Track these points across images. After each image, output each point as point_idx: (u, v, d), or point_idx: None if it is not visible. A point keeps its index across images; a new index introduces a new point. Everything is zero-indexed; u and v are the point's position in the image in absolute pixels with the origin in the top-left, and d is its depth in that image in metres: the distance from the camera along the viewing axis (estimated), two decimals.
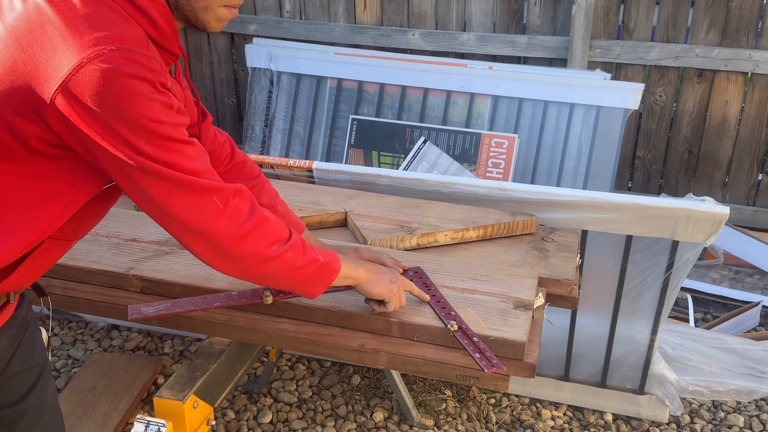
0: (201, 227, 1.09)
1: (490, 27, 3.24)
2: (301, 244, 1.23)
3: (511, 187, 1.92)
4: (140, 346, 2.57)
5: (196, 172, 1.07)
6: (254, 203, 1.16)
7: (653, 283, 1.99)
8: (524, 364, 1.37)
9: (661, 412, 2.21)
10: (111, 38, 0.97)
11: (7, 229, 1.04)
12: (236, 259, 1.14)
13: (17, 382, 1.26)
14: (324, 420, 2.25)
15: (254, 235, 1.14)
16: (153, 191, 1.04)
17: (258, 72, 3.36)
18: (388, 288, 1.38)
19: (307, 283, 1.25)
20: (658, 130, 3.23)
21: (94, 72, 0.94)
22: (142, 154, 1.00)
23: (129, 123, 0.98)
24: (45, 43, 0.96)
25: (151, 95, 0.99)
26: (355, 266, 1.33)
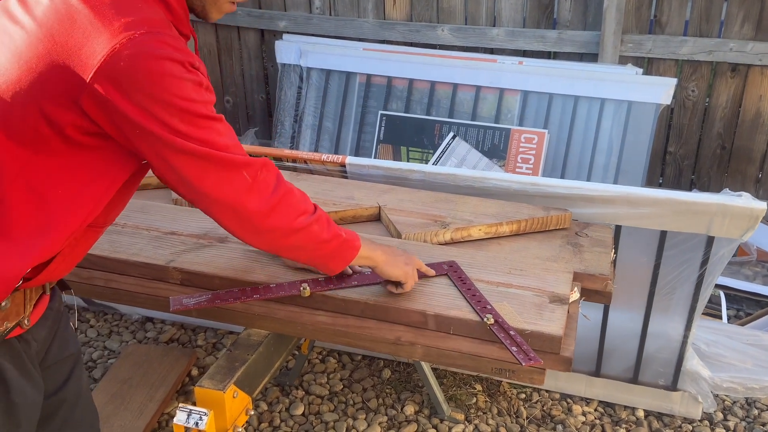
0: (232, 202, 1.13)
1: (520, 22, 3.23)
2: (326, 218, 1.27)
3: (545, 182, 1.91)
4: (174, 339, 2.62)
5: (227, 148, 1.11)
6: (280, 176, 1.20)
7: (687, 279, 1.97)
8: (560, 358, 1.38)
9: (693, 409, 2.20)
10: (139, 22, 1.01)
11: (49, 222, 1.07)
12: (265, 231, 1.18)
13: (55, 372, 1.30)
14: (355, 413, 2.27)
15: (282, 207, 1.18)
16: (186, 169, 1.08)
17: (288, 68, 3.39)
18: (404, 270, 1.42)
19: (330, 258, 1.30)
20: (690, 125, 3.20)
21: (127, 57, 0.98)
22: (176, 132, 1.04)
23: (162, 103, 1.02)
24: (76, 33, 0.99)
25: (182, 75, 1.03)
26: (373, 247, 1.38)
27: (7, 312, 1.10)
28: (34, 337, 1.19)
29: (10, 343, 1.13)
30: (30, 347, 1.18)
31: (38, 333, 1.21)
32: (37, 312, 1.19)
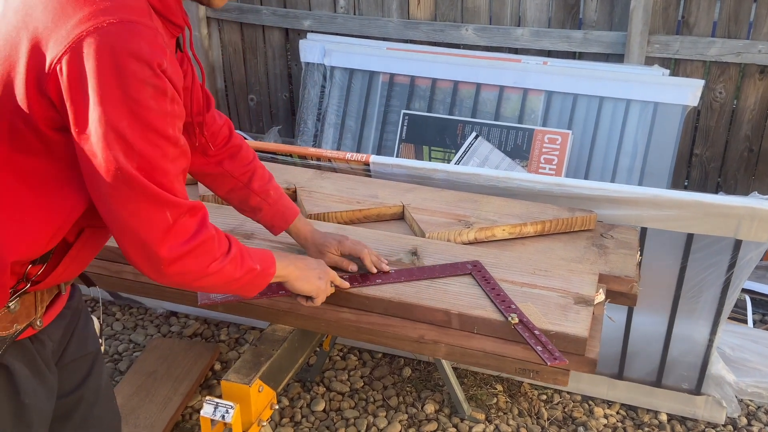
0: (144, 237, 1.04)
1: (545, 22, 3.21)
2: (240, 255, 1.19)
3: (570, 182, 1.91)
4: (197, 333, 2.65)
5: (164, 174, 1.01)
6: (204, 222, 1.12)
7: (714, 283, 1.95)
8: (585, 360, 1.38)
9: (717, 414, 2.18)
10: (112, 9, 0.94)
11: (38, 217, 1.04)
12: (171, 275, 1.09)
13: (73, 371, 1.29)
14: (375, 410, 2.28)
15: (194, 254, 1.09)
16: (111, 186, 0.99)
17: (311, 67, 3.41)
18: (315, 285, 1.39)
19: (242, 289, 1.25)
20: (717, 127, 3.16)
21: (90, 45, 0.92)
22: (120, 138, 0.95)
23: (116, 102, 0.94)
24: (47, 17, 0.94)
25: (145, 77, 0.95)
26: (286, 264, 1.34)
27: (17, 314, 1.09)
28: (49, 337, 1.19)
29: (22, 344, 1.12)
30: (45, 347, 1.18)
31: (54, 332, 1.20)
32: (53, 312, 1.18)
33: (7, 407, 1.11)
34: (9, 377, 1.11)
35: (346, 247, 1.56)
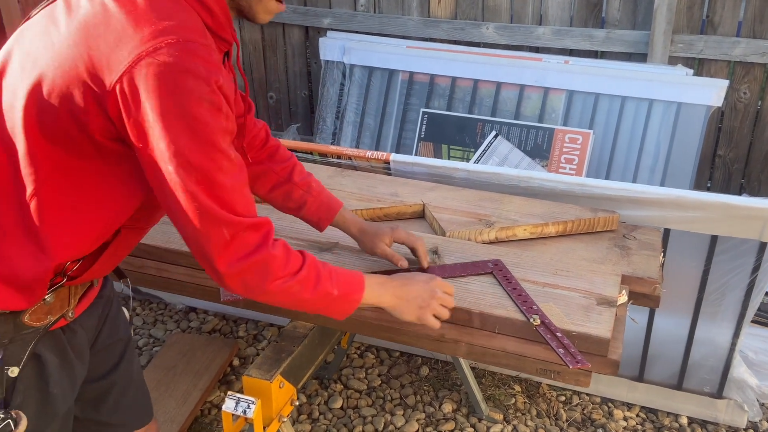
0: (204, 248, 1.07)
1: (567, 21, 3.19)
2: (315, 278, 1.18)
3: (592, 183, 1.90)
4: (216, 329, 2.67)
5: (223, 189, 1.04)
6: (267, 238, 1.12)
7: (737, 285, 1.93)
8: (608, 361, 1.36)
9: (739, 418, 2.15)
10: (171, 29, 0.98)
11: (78, 223, 1.08)
12: (232, 287, 1.12)
13: (105, 357, 1.33)
14: (393, 408, 2.28)
15: (254, 270, 1.10)
16: (173, 199, 1.03)
17: (331, 65, 3.42)
18: (415, 315, 1.33)
19: (322, 311, 1.24)
20: (741, 128, 3.12)
21: (150, 65, 0.96)
22: (179, 154, 1.00)
23: (175, 118, 0.98)
24: (109, 37, 0.98)
25: (202, 94, 0.99)
26: (379, 294, 1.29)
27: (51, 306, 1.12)
28: (81, 326, 1.22)
29: (54, 333, 1.15)
30: (76, 336, 1.21)
31: (86, 322, 1.24)
32: (84, 303, 1.22)
33: (36, 396, 1.14)
34: (40, 367, 1.14)
35: (400, 236, 1.53)
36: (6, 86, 1.06)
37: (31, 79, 1.02)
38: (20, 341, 1.10)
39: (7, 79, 1.07)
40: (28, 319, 1.09)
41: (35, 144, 1.03)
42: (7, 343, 1.08)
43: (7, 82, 1.06)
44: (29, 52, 1.05)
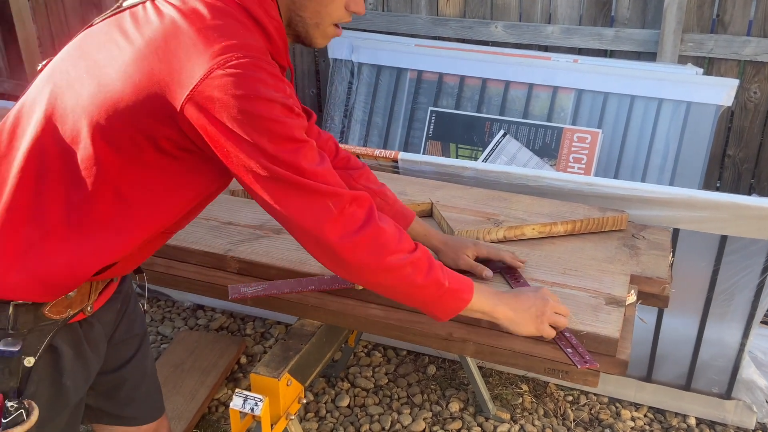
0: (314, 230, 1.09)
1: (576, 19, 3.18)
2: (427, 262, 1.17)
3: (601, 182, 1.89)
4: (224, 327, 2.68)
5: (314, 174, 1.08)
6: (372, 212, 1.14)
7: (747, 286, 1.92)
8: (616, 361, 1.36)
9: (747, 419, 2.14)
10: (238, 46, 1.03)
11: (128, 226, 1.11)
12: (349, 265, 1.12)
13: (120, 350, 1.35)
14: (400, 407, 2.28)
15: (368, 243, 1.11)
16: (270, 192, 1.07)
17: (339, 63, 3.42)
18: (534, 326, 1.30)
19: (430, 305, 1.21)
20: (751, 128, 3.10)
21: (223, 77, 1.00)
22: (263, 153, 1.04)
23: (252, 124, 1.02)
24: (179, 52, 1.02)
25: (274, 98, 1.03)
26: (494, 302, 1.26)
27: (72, 300, 1.15)
28: (99, 320, 1.24)
29: (71, 327, 1.18)
30: (93, 329, 1.23)
31: (104, 316, 1.26)
32: (103, 298, 1.24)
33: (48, 387, 1.16)
34: (56, 359, 1.16)
35: (483, 251, 1.53)
36: (69, 89, 1.08)
37: (99, 87, 1.05)
38: (38, 332, 1.12)
39: (71, 83, 1.08)
40: (48, 311, 1.11)
41: (99, 149, 1.05)
42: (26, 333, 1.10)
43: (71, 86, 1.08)
44: (97, 61, 1.07)
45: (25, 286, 1.08)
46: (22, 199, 1.07)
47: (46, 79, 1.13)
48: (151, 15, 1.08)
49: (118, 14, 1.12)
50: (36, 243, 1.07)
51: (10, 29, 4.31)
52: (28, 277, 1.07)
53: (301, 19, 1.17)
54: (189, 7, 1.06)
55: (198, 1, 1.07)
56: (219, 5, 1.07)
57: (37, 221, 1.07)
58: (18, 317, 1.09)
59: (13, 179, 1.07)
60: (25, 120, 1.11)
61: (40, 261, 1.07)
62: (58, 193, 1.07)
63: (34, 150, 1.07)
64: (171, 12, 1.06)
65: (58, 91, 1.09)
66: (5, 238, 1.07)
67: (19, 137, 1.10)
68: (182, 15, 1.05)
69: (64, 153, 1.07)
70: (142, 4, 1.10)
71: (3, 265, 1.07)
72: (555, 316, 1.32)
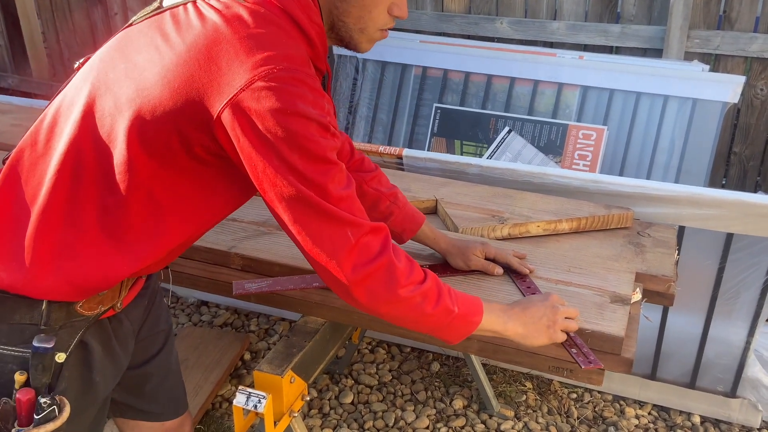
0: (328, 257, 1.07)
1: (582, 15, 3.16)
2: (436, 291, 1.16)
3: (606, 179, 1.88)
4: (228, 323, 2.68)
5: (339, 199, 1.06)
6: (387, 242, 1.12)
7: (753, 284, 1.91)
8: (621, 359, 1.35)
9: (753, 417, 2.13)
10: (280, 57, 1.01)
11: (162, 232, 1.11)
12: (359, 295, 1.10)
13: (146, 346, 1.37)
14: (404, 404, 2.28)
15: (380, 275, 1.10)
16: (293, 211, 1.05)
17: (344, 59, 3.41)
18: (548, 336, 1.27)
19: (439, 331, 1.20)
20: (758, 125, 3.08)
21: (262, 89, 0.99)
22: (294, 170, 1.02)
23: (287, 139, 1.01)
24: (220, 60, 1.01)
25: (311, 116, 1.02)
26: (504, 321, 1.24)
27: (104, 297, 1.15)
28: (127, 316, 1.25)
29: (101, 323, 1.19)
30: (122, 326, 1.24)
31: (132, 312, 1.27)
32: (131, 294, 1.24)
33: (78, 382, 1.17)
34: (86, 354, 1.17)
35: (492, 252, 1.52)
36: (108, 90, 1.07)
37: (137, 91, 1.04)
38: (70, 328, 1.13)
39: (110, 85, 1.07)
40: (80, 308, 1.12)
41: (134, 153, 1.05)
42: (57, 329, 1.11)
43: (110, 88, 1.07)
44: (136, 64, 1.06)
45: (57, 288, 1.08)
46: (58, 201, 1.06)
47: (84, 78, 1.11)
48: (192, 19, 1.05)
49: (158, 15, 1.10)
50: (70, 245, 1.07)
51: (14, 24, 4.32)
52: (61, 279, 1.07)
53: (344, 24, 1.16)
54: (232, 13, 1.04)
55: (241, 7, 1.05)
56: (262, 11, 1.05)
57: (71, 223, 1.07)
58: (51, 313, 1.09)
59: (50, 180, 1.06)
60: (63, 119, 1.10)
61: (74, 264, 1.07)
62: (93, 196, 1.07)
63: (71, 151, 1.06)
64: (213, 17, 1.04)
65: (97, 92, 1.08)
66: (40, 240, 1.06)
67: (57, 137, 1.09)
68: (225, 21, 1.03)
69: (100, 155, 1.06)
70: (183, 6, 1.08)
71: (37, 267, 1.06)
72: (566, 322, 1.30)
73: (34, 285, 1.07)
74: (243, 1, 1.05)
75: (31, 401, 1.06)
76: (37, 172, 1.08)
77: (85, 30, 4.29)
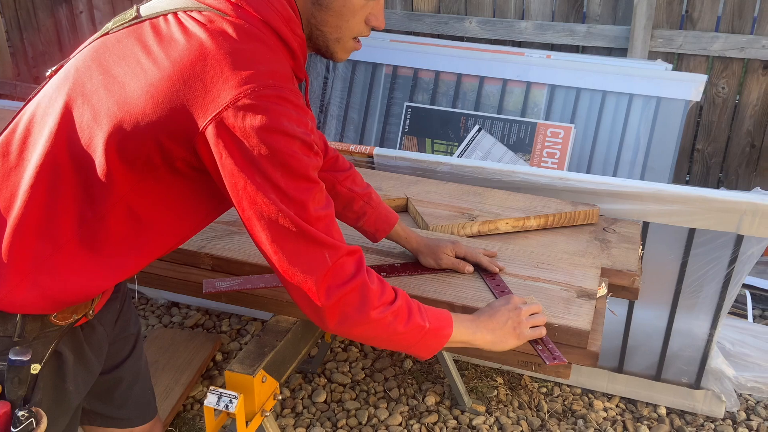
0: (303, 278, 1.06)
1: (549, 15, 3.21)
2: (406, 310, 1.16)
3: (573, 177, 1.91)
4: (199, 324, 2.66)
5: (317, 219, 1.06)
6: (361, 264, 1.12)
7: (715, 278, 1.96)
8: (587, 353, 1.38)
9: (716, 408, 2.19)
10: (265, 74, 1.01)
11: (141, 245, 1.10)
12: (331, 317, 1.09)
13: (117, 350, 1.35)
14: (377, 402, 2.29)
15: (351, 297, 1.09)
16: (271, 230, 1.04)
17: (314, 57, 3.40)
18: (515, 336, 1.29)
19: (411, 348, 1.20)
20: (719, 122, 3.16)
21: (247, 106, 0.99)
22: (276, 187, 1.02)
23: (270, 157, 1.00)
24: (205, 76, 1.00)
25: (295, 134, 1.02)
26: (473, 331, 1.25)
27: (77, 307, 1.14)
28: (100, 321, 1.24)
29: (73, 330, 1.17)
30: (94, 331, 1.23)
31: (105, 317, 1.26)
32: (103, 299, 1.23)
33: (52, 392, 1.15)
34: (60, 364, 1.16)
35: (462, 250, 1.53)
36: (85, 102, 1.05)
37: (118, 105, 1.03)
38: (44, 338, 1.11)
39: (87, 96, 1.05)
40: (54, 318, 1.11)
41: (113, 166, 1.03)
42: (31, 340, 1.09)
43: (88, 99, 1.05)
44: (116, 76, 1.04)
45: (34, 303, 1.06)
46: (34, 214, 1.04)
47: (59, 87, 1.09)
48: (175, 32, 1.04)
49: (137, 25, 1.08)
50: (47, 259, 1.05)
51: None
52: (38, 293, 1.05)
53: (321, 33, 1.16)
54: (216, 28, 1.03)
55: (225, 21, 1.04)
56: (246, 26, 1.04)
57: (48, 237, 1.05)
58: (26, 326, 1.07)
59: (25, 192, 1.04)
60: (37, 129, 1.07)
61: (51, 278, 1.06)
62: (71, 209, 1.05)
63: (47, 163, 1.04)
64: (198, 31, 1.03)
65: (73, 103, 1.06)
66: (15, 254, 1.04)
67: (31, 147, 1.07)
68: (210, 36, 1.02)
69: (79, 167, 1.04)
70: (164, 17, 1.06)
71: (13, 281, 1.04)
72: (532, 319, 1.32)
73: (9, 300, 1.05)
74: (226, 15, 1.05)
75: (8, 414, 1.05)
76: (9, 184, 1.06)
77: (49, 29, 4.21)
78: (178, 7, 1.06)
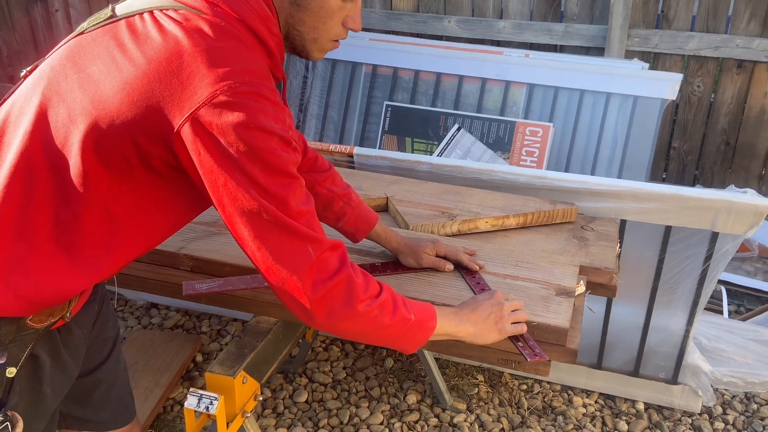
0: (288, 274, 1.06)
1: (527, 15, 3.23)
2: (392, 302, 1.16)
3: (551, 175, 1.93)
4: (179, 325, 2.64)
5: (299, 214, 1.06)
6: (345, 258, 1.12)
7: (690, 274, 1.99)
8: (566, 350, 1.39)
9: (693, 403, 2.22)
10: (241, 71, 1.01)
11: (116, 246, 1.09)
12: (317, 313, 1.09)
13: (95, 353, 1.34)
14: (358, 401, 2.29)
15: (337, 291, 1.09)
16: (253, 226, 1.04)
17: (293, 57, 3.39)
18: (497, 330, 1.31)
19: (397, 341, 1.20)
20: (695, 121, 3.21)
21: (224, 104, 0.98)
22: (255, 183, 1.02)
23: (248, 153, 1.00)
24: (181, 74, 0.99)
25: (273, 130, 1.02)
26: (456, 323, 1.26)
27: (54, 309, 1.13)
28: (77, 324, 1.22)
29: (50, 333, 1.16)
30: (71, 334, 1.21)
31: (82, 319, 1.24)
32: (81, 301, 1.22)
33: (29, 396, 1.14)
34: (36, 367, 1.14)
35: (442, 249, 1.53)
36: (60, 101, 1.04)
37: (93, 104, 1.02)
38: (20, 342, 1.09)
39: (63, 95, 1.04)
40: (30, 321, 1.09)
41: (90, 166, 1.02)
42: (7, 344, 1.08)
43: (63, 98, 1.04)
44: (91, 75, 1.03)
45: (8, 305, 1.05)
46: (8, 214, 1.03)
47: (34, 87, 1.08)
48: (151, 30, 1.03)
49: (112, 24, 1.07)
50: (22, 260, 1.04)
51: None
52: (12, 295, 1.04)
53: (298, 33, 1.16)
54: (192, 26, 1.02)
55: (201, 20, 1.03)
56: (222, 24, 1.04)
57: (23, 237, 1.03)
58: (1, 329, 1.06)
59: None
60: (12, 129, 1.06)
61: (26, 279, 1.04)
62: (46, 209, 1.04)
63: (22, 163, 1.03)
64: (174, 29, 1.02)
65: (49, 102, 1.05)
66: None
67: (5, 147, 1.06)
68: (186, 34, 1.02)
69: (54, 167, 1.03)
70: (140, 15, 1.06)
71: None
72: (514, 314, 1.34)
73: None
74: (202, 14, 1.04)
75: None
76: None
77: (24, 27, 4.15)
78: (154, 6, 1.06)
